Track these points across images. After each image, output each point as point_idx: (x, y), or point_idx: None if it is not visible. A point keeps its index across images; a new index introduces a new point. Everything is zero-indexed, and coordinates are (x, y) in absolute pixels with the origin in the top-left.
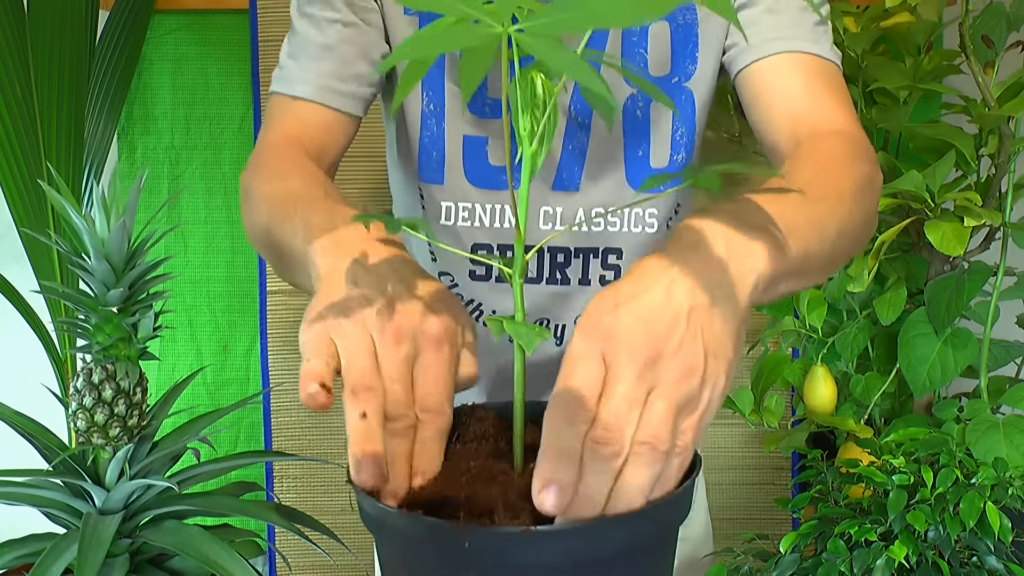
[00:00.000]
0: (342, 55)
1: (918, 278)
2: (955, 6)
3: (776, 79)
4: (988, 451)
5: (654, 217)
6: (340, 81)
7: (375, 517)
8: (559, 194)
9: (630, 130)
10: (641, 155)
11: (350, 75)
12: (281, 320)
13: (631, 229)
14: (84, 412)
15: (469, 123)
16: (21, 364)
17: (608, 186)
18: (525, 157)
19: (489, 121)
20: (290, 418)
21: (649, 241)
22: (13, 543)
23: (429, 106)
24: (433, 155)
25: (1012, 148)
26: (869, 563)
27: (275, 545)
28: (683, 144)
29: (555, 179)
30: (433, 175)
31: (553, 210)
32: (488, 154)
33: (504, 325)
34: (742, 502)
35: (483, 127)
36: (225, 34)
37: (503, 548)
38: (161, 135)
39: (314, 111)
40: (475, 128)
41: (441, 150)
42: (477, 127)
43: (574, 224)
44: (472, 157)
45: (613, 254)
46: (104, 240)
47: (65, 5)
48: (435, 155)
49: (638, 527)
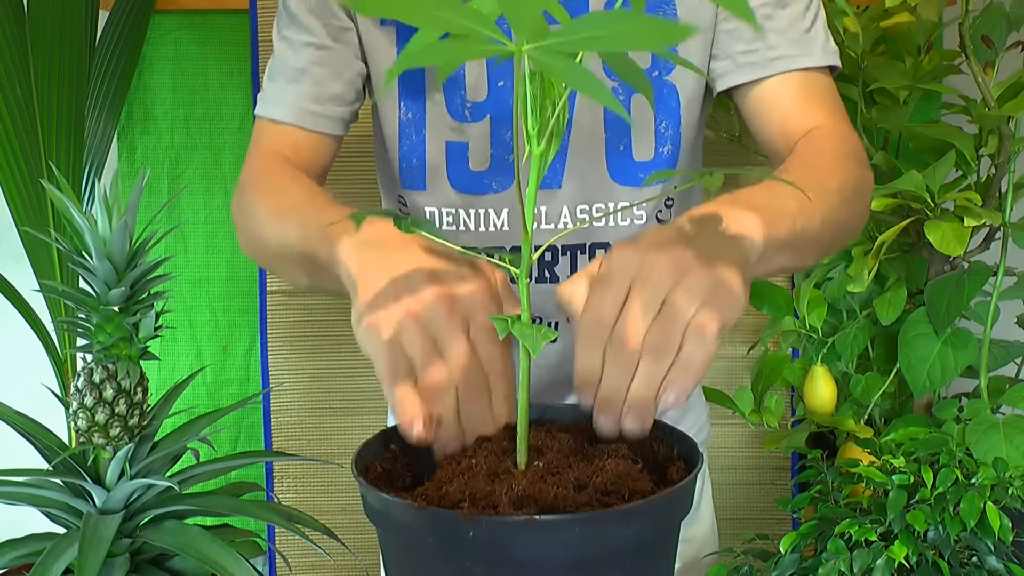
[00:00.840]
0: (316, 77)
1: (918, 278)
2: (955, 6)
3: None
4: (988, 451)
5: (642, 209)
6: (316, 103)
7: (379, 509)
8: (542, 193)
9: (611, 125)
10: (623, 149)
11: (326, 96)
12: (281, 320)
13: (619, 223)
14: (85, 412)
15: (451, 128)
16: (21, 364)
17: (591, 182)
18: (533, 156)
19: (470, 125)
20: (290, 418)
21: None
22: (13, 543)
23: (407, 115)
24: (414, 162)
25: (1012, 148)
26: (869, 563)
27: (275, 545)
28: (668, 137)
29: None
30: (414, 182)
31: (537, 208)
32: (469, 159)
33: (510, 325)
34: (742, 502)
35: (464, 132)
36: (225, 34)
37: (507, 539)
38: (161, 135)
39: (294, 133)
40: (456, 133)
41: (422, 157)
42: (458, 132)
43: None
44: (455, 163)
45: (601, 248)
46: (106, 239)
47: (65, 5)
48: (415, 162)
49: (641, 520)
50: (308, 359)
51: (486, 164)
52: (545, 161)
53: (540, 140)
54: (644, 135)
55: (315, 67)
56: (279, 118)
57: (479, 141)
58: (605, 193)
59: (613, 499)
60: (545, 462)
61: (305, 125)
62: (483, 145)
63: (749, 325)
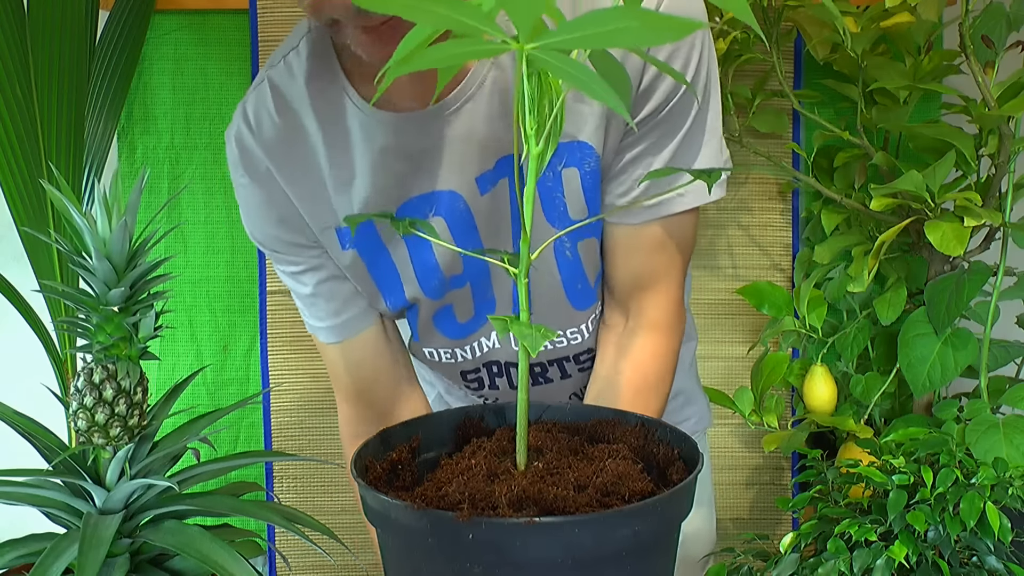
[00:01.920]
0: (328, 293)
1: (918, 278)
2: (955, 6)
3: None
4: (988, 451)
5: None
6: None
7: (379, 511)
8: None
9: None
10: (580, 288)
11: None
12: (281, 320)
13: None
14: (85, 412)
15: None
16: (21, 364)
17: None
18: (531, 156)
19: (452, 293)
20: (290, 418)
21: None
22: (13, 543)
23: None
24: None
25: (1012, 148)
26: (869, 563)
27: (275, 545)
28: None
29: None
30: (410, 332)
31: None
32: (456, 316)
33: (509, 325)
34: (742, 502)
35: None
36: (225, 34)
37: (507, 541)
38: (161, 135)
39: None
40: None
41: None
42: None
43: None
44: (442, 323)
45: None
46: (106, 240)
47: (65, 5)
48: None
49: (640, 521)
50: (308, 359)
51: (471, 314)
52: (543, 160)
53: (538, 140)
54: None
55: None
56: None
57: (463, 303)
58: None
59: (613, 500)
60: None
61: (347, 337)
62: (467, 305)
63: (749, 325)
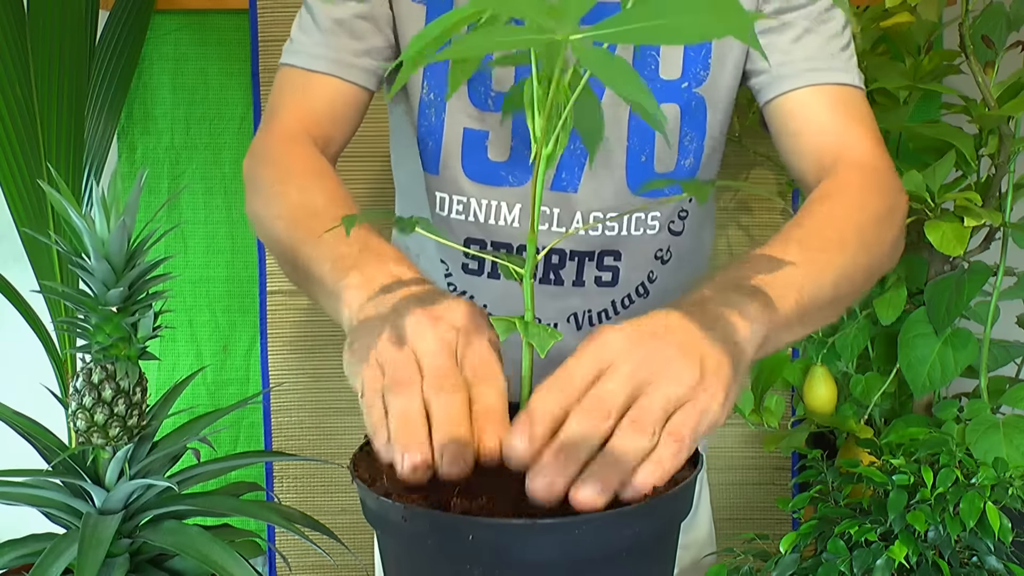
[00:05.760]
0: (356, 30)
1: (918, 278)
2: (955, 6)
3: (803, 112)
4: (988, 451)
5: (656, 220)
6: (355, 55)
7: (378, 512)
8: (557, 194)
9: (635, 134)
10: (644, 160)
11: (364, 49)
12: (281, 320)
13: (632, 232)
14: (84, 412)
15: (471, 116)
16: (21, 364)
17: (608, 190)
18: (540, 157)
19: (492, 114)
20: (290, 418)
21: (650, 244)
22: (13, 543)
23: (429, 95)
24: (429, 145)
25: (1012, 148)
26: (869, 563)
27: (275, 545)
28: (692, 149)
29: (554, 179)
30: (428, 165)
31: (550, 210)
32: (488, 149)
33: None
34: (742, 502)
35: (485, 120)
36: (225, 34)
37: (508, 542)
38: (161, 135)
39: (329, 85)
40: (476, 121)
41: (438, 141)
42: (479, 120)
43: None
44: (471, 151)
45: (611, 256)
46: (104, 240)
47: (65, 5)
48: (431, 145)
49: (641, 521)
50: (308, 359)
51: (505, 155)
52: (552, 162)
53: (547, 142)
54: (667, 146)
55: (357, 19)
56: (315, 68)
57: (500, 131)
58: (621, 202)
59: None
60: None
61: (343, 75)
62: (504, 136)
63: None
